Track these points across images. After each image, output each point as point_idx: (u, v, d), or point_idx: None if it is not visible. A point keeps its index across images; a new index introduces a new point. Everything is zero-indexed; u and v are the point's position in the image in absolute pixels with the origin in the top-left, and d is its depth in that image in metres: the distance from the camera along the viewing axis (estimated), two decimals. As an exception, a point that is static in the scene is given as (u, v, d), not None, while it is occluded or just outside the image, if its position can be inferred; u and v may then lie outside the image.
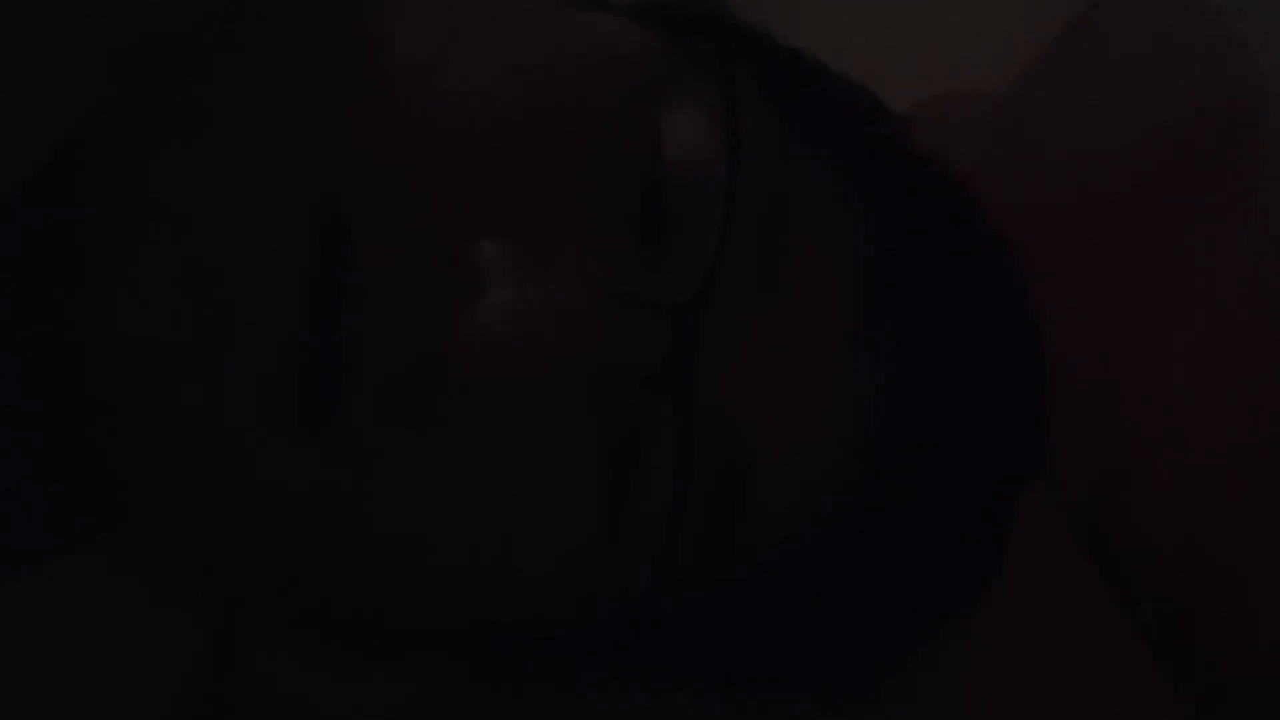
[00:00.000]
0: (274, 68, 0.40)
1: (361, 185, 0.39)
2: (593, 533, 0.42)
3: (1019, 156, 0.66)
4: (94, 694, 0.46)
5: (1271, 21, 0.77)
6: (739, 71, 0.45)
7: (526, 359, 0.39)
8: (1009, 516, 0.49)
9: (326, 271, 0.38)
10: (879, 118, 0.50)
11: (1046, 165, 0.65)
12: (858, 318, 0.44)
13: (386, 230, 0.38)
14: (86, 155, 0.39)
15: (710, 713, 0.49)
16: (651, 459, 0.42)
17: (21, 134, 0.38)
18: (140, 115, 0.39)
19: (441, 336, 0.39)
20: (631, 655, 0.47)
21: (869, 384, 0.44)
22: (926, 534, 0.46)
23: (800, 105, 0.46)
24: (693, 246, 0.41)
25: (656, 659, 0.47)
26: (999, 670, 0.54)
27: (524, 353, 0.39)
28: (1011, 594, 0.50)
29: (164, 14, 0.39)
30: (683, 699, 0.49)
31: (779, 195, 0.43)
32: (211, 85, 0.40)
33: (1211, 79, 0.66)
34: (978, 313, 0.46)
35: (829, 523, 0.45)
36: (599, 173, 0.41)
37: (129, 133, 0.39)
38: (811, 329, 0.43)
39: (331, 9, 0.41)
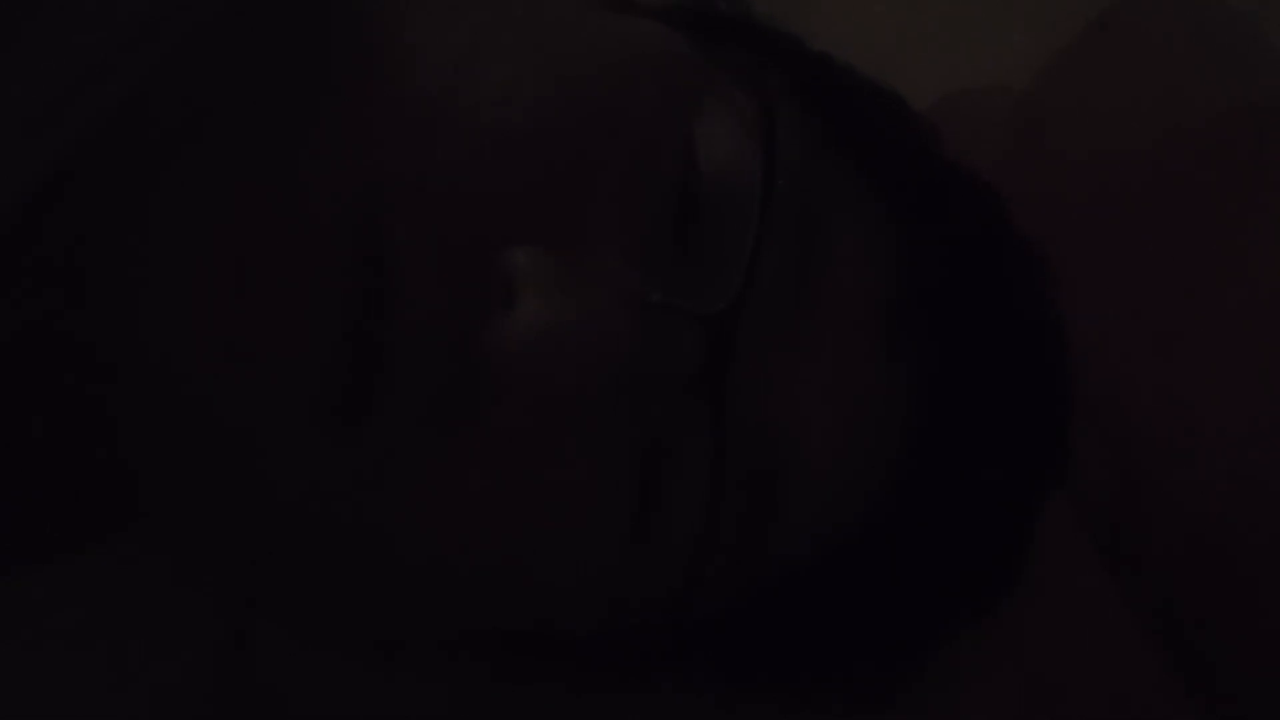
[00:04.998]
0: (304, 75, 0.40)
1: (396, 194, 0.38)
2: (624, 541, 0.42)
3: (1039, 155, 0.66)
4: (114, 686, 0.46)
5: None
6: (771, 77, 0.45)
7: (560, 369, 0.39)
8: (1033, 525, 0.49)
9: (366, 277, 0.38)
10: (908, 124, 0.49)
11: (1068, 164, 0.65)
12: (889, 326, 0.44)
13: (423, 238, 0.38)
14: (112, 155, 0.39)
15: (730, 715, 0.49)
16: (683, 468, 0.41)
17: (43, 131, 0.37)
18: (168, 120, 0.39)
19: (477, 345, 0.38)
20: (655, 658, 0.47)
21: (899, 392, 0.44)
22: (952, 542, 0.46)
23: (831, 111, 0.45)
24: (727, 255, 0.41)
25: (679, 662, 0.47)
26: (1013, 677, 0.54)
27: (557, 363, 0.38)
28: (1026, 600, 0.50)
29: (186, 22, 0.38)
30: (703, 702, 0.49)
31: (812, 203, 0.42)
32: (236, 92, 0.40)
33: (1236, 78, 0.65)
34: (1006, 321, 0.46)
35: (857, 529, 0.45)
36: (633, 181, 0.41)
37: (158, 136, 0.39)
38: (843, 337, 0.43)
39: (359, 17, 0.41)
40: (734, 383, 0.41)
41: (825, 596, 0.45)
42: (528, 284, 0.38)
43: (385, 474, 0.39)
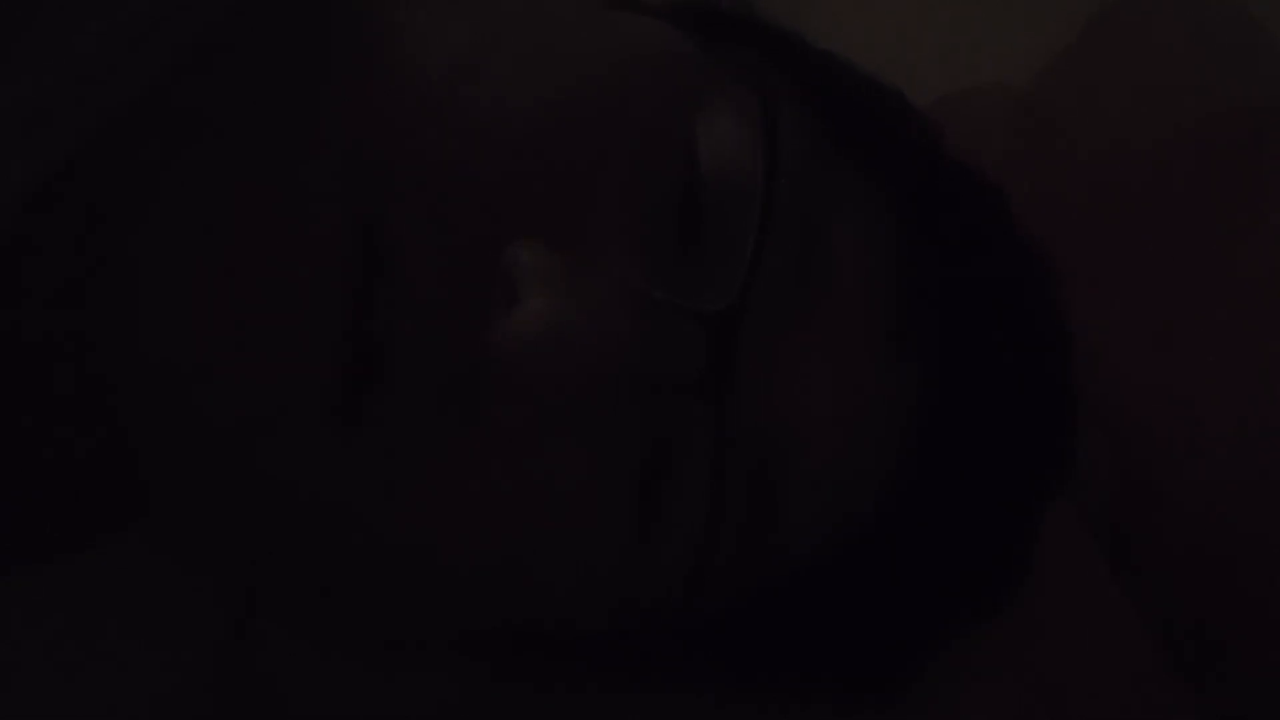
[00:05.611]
0: (305, 74, 0.40)
1: (396, 192, 0.38)
2: (626, 540, 0.42)
3: (1043, 152, 0.66)
4: (114, 685, 0.46)
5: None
6: (773, 75, 0.45)
7: (562, 367, 0.38)
8: (1036, 527, 0.49)
9: (367, 276, 0.38)
10: (911, 121, 0.49)
11: (1068, 164, 0.65)
12: (891, 325, 0.44)
13: (424, 236, 0.38)
14: (112, 156, 0.39)
15: (730, 715, 0.49)
16: (685, 467, 0.41)
17: (44, 132, 0.37)
18: (169, 120, 0.39)
19: (479, 342, 0.38)
20: (656, 658, 0.47)
21: (902, 392, 0.44)
22: (954, 543, 0.46)
23: (833, 109, 0.45)
24: (730, 253, 0.40)
25: (681, 660, 0.47)
26: (1013, 677, 0.54)
27: (560, 361, 0.38)
28: (1028, 600, 0.50)
29: (187, 22, 0.38)
30: (703, 700, 0.49)
31: (815, 201, 0.42)
32: (236, 91, 0.39)
33: (1236, 78, 0.65)
34: (1011, 320, 0.46)
35: (858, 528, 0.45)
36: (635, 179, 0.40)
37: (159, 136, 0.39)
38: (845, 337, 0.43)
39: (359, 17, 0.41)
40: (735, 381, 0.41)
41: (826, 596, 0.45)
42: (531, 281, 0.38)
43: (386, 473, 0.39)
